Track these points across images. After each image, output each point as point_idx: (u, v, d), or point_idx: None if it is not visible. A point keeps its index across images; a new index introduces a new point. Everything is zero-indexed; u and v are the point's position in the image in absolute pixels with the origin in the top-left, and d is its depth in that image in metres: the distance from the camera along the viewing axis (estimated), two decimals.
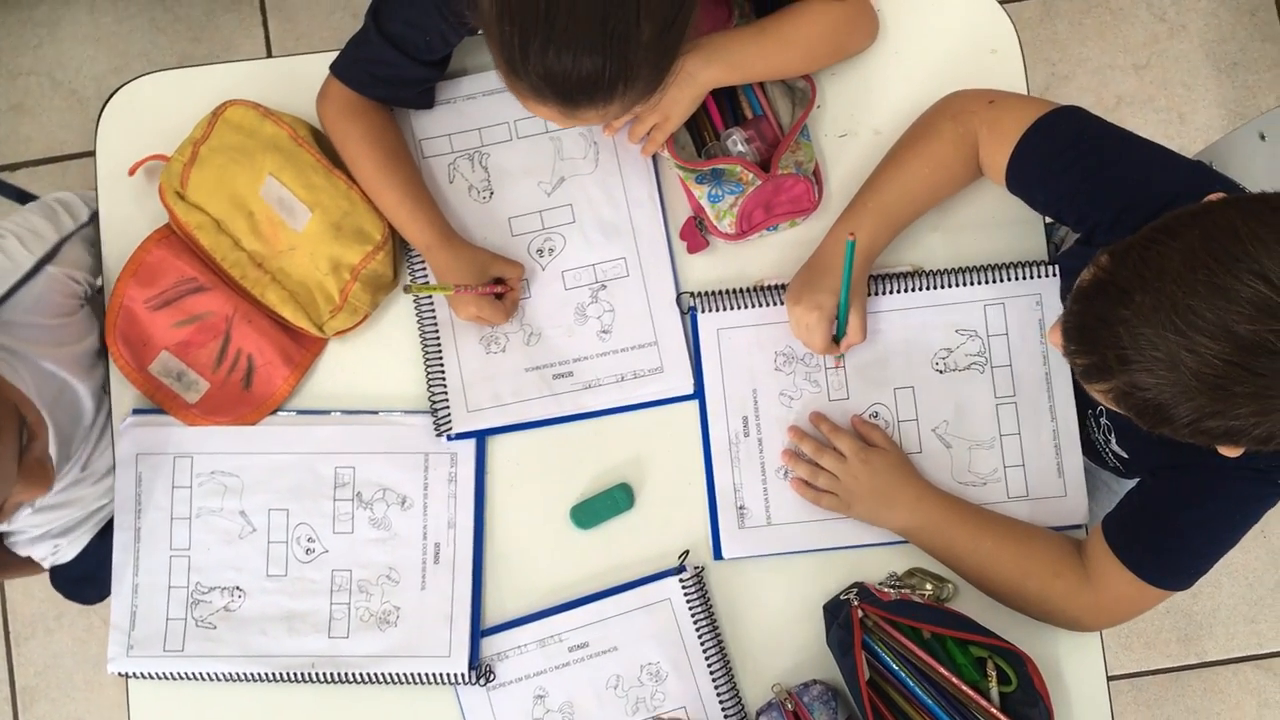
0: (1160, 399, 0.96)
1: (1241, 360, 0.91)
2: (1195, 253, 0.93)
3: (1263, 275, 0.89)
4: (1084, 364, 1.01)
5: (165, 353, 1.39)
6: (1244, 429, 0.95)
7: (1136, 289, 0.95)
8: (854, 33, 1.39)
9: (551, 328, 1.39)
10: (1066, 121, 1.24)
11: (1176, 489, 1.21)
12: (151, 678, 1.36)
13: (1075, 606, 1.27)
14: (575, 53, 1.06)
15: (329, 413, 1.39)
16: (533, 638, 1.35)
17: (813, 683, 1.32)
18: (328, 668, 1.34)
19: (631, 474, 1.39)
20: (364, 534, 1.37)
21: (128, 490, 1.38)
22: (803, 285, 1.32)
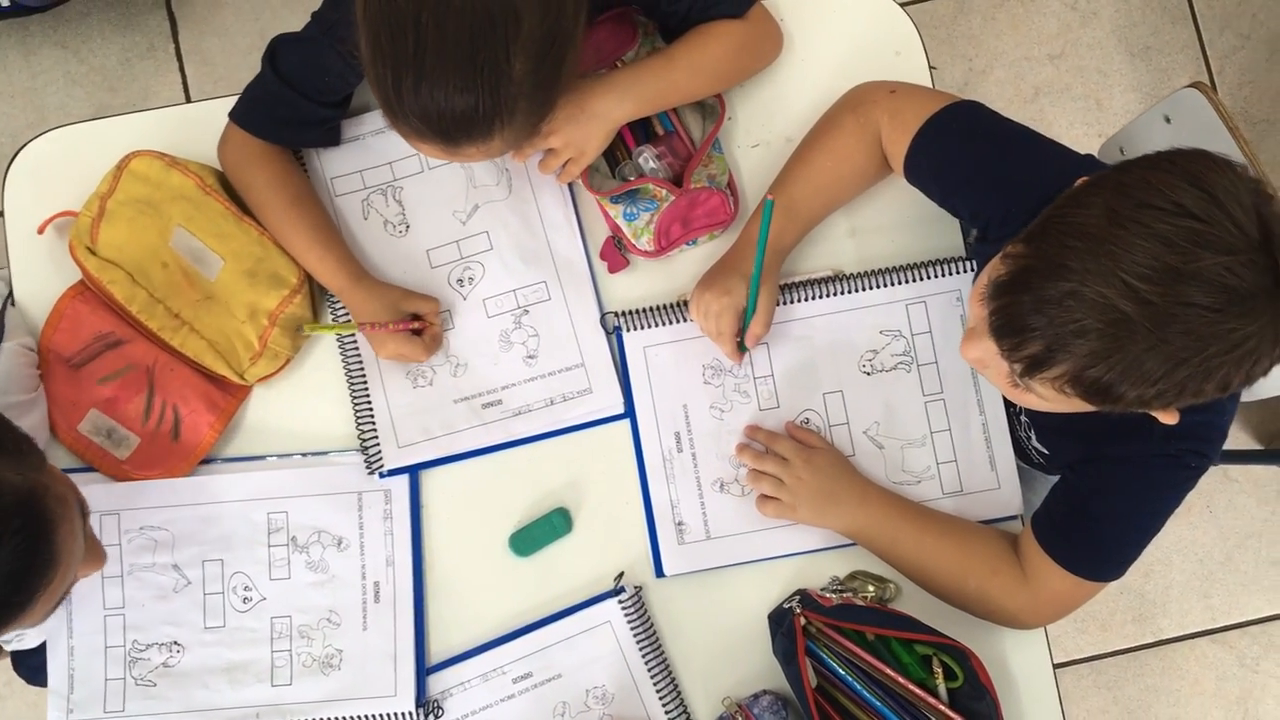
0: (1111, 373, 0.94)
1: (1188, 301, 0.90)
2: (1116, 210, 0.93)
3: (1188, 212, 0.90)
4: (1030, 354, 0.98)
5: (94, 411, 1.37)
6: (1199, 383, 0.94)
7: (1069, 258, 0.94)
8: (760, 49, 1.40)
9: (477, 357, 1.39)
10: (964, 116, 1.26)
11: (1092, 482, 1.22)
12: None
13: (1014, 604, 1.28)
14: (447, 91, 1.07)
15: (258, 458, 1.38)
16: (476, 672, 1.34)
17: (762, 693, 1.32)
18: (273, 717, 1.32)
19: (568, 498, 1.38)
20: (301, 578, 1.35)
21: None
22: (712, 275, 1.33)
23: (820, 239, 1.41)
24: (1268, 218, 0.91)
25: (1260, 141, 2.41)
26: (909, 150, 1.27)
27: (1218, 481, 2.35)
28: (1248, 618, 2.33)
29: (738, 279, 1.30)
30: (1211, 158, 0.95)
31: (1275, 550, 2.33)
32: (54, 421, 1.37)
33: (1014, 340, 0.99)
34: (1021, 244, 0.99)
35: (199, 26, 2.45)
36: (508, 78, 1.08)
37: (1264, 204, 0.92)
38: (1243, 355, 0.93)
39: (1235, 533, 2.34)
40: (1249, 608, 2.33)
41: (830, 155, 1.33)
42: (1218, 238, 0.90)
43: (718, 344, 1.34)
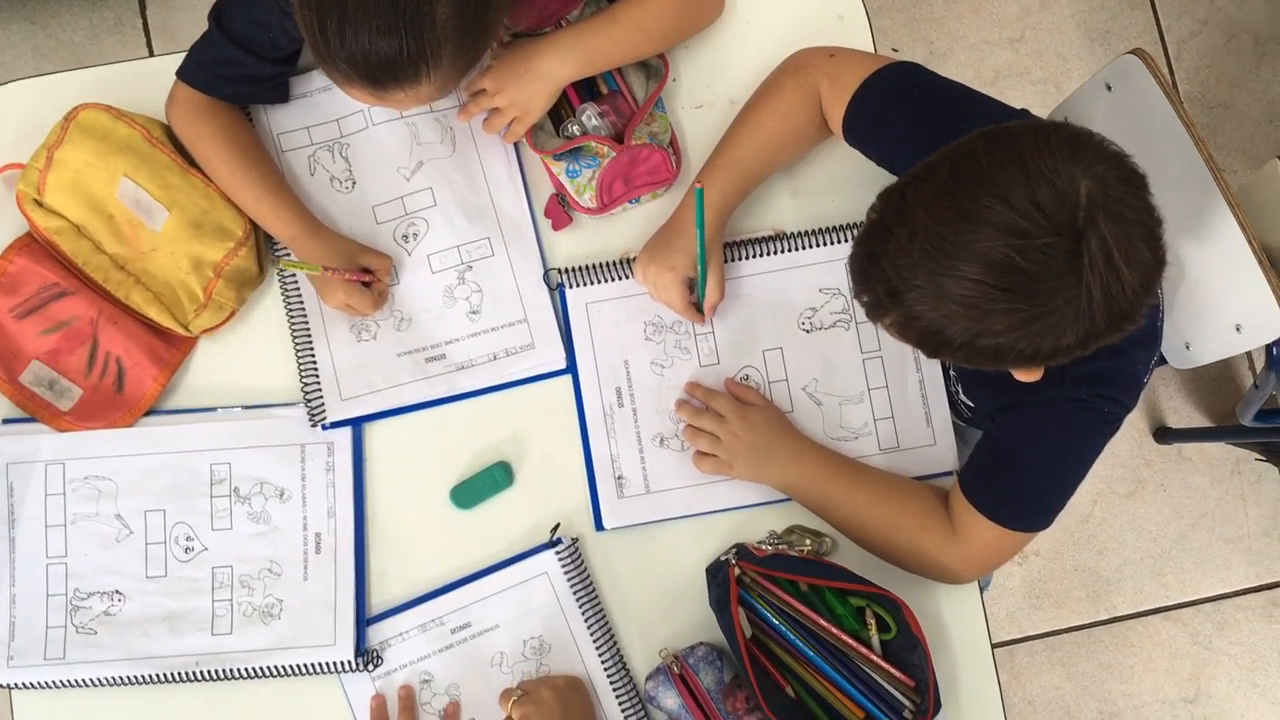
0: (933, 326, 1.00)
1: (991, 279, 0.94)
2: (944, 184, 0.97)
3: (1001, 196, 0.93)
4: (865, 302, 1.05)
5: (36, 362, 1.38)
6: (1010, 346, 0.99)
7: (895, 224, 0.99)
8: (701, 8, 1.41)
9: (421, 312, 1.40)
10: (901, 74, 1.28)
11: (1011, 431, 1.24)
12: (34, 687, 1.34)
13: (944, 558, 1.29)
14: (370, 34, 1.09)
15: (202, 411, 1.39)
16: (414, 623, 1.35)
17: (698, 645, 1.33)
18: (212, 665, 1.33)
19: (510, 452, 1.39)
20: (243, 529, 1.36)
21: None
22: (654, 248, 1.35)
23: (763, 200, 1.42)
24: (1095, 203, 0.92)
25: (1216, 125, 2.44)
26: (847, 111, 1.29)
27: (1172, 461, 2.37)
28: (1201, 595, 2.35)
29: (679, 253, 1.33)
30: (1061, 133, 0.97)
31: (1228, 529, 2.36)
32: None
33: (856, 288, 1.06)
34: (878, 198, 1.04)
35: (167, 3, 2.46)
36: (431, 21, 1.09)
37: (1109, 182, 0.94)
38: (1044, 329, 0.97)
39: (1189, 511, 2.36)
40: (1202, 586, 2.36)
41: (771, 117, 1.35)
42: (1019, 224, 0.93)
43: (672, 308, 1.36)
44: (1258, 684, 2.33)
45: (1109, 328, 0.97)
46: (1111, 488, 2.36)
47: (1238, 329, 1.50)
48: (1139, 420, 2.38)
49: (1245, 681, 2.33)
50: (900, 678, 1.29)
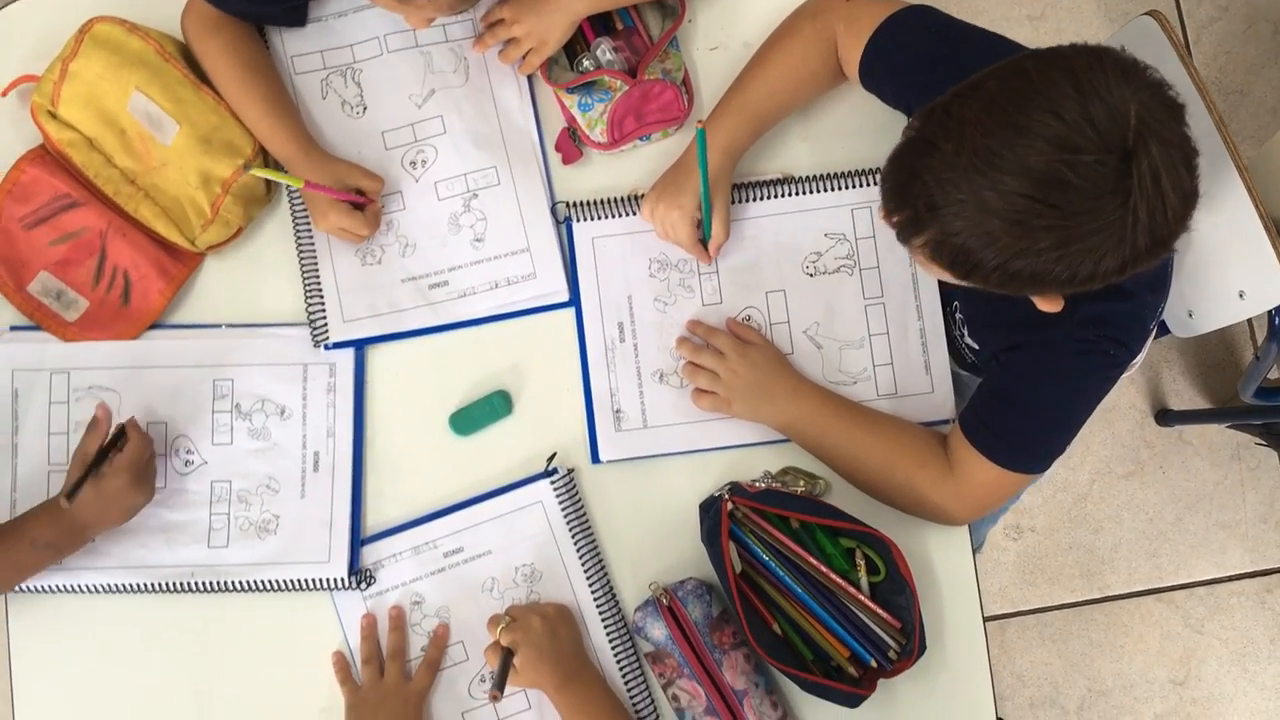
0: (969, 244, 0.99)
1: (1039, 194, 0.94)
2: (993, 98, 0.97)
3: (1054, 111, 0.93)
4: (899, 220, 1.04)
5: (44, 273, 1.39)
6: (1048, 269, 0.98)
7: (941, 139, 0.99)
8: None
9: (426, 238, 1.41)
10: (917, 17, 1.28)
11: (1015, 371, 1.25)
12: (31, 591, 1.35)
13: (939, 496, 1.30)
14: None
15: (206, 327, 1.40)
16: (408, 545, 1.36)
17: (688, 579, 1.34)
18: (207, 576, 1.34)
19: (510, 382, 1.40)
20: (243, 445, 1.37)
21: (3, 406, 1.38)
22: (663, 187, 1.35)
23: (773, 143, 1.42)
24: (1144, 124, 0.93)
25: (1232, 111, 2.43)
26: (864, 55, 1.29)
27: (1172, 443, 2.37)
28: (1195, 579, 2.36)
29: (688, 193, 1.33)
30: (1111, 56, 0.97)
31: (1225, 514, 2.36)
32: (2, 281, 1.38)
33: (889, 205, 1.05)
34: (917, 116, 1.03)
35: None
36: None
37: (1152, 108, 0.94)
38: (1086, 249, 0.96)
39: (1187, 494, 2.36)
40: (1196, 569, 2.36)
41: (786, 60, 1.35)
42: (1071, 138, 0.92)
43: (679, 245, 1.37)
44: (1248, 669, 2.33)
45: (1148, 253, 0.97)
46: (1110, 467, 2.36)
47: (1241, 295, 1.50)
48: (1140, 402, 2.38)
49: (1235, 666, 2.33)
50: (887, 619, 1.30)
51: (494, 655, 1.26)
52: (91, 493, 1.26)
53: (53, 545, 1.27)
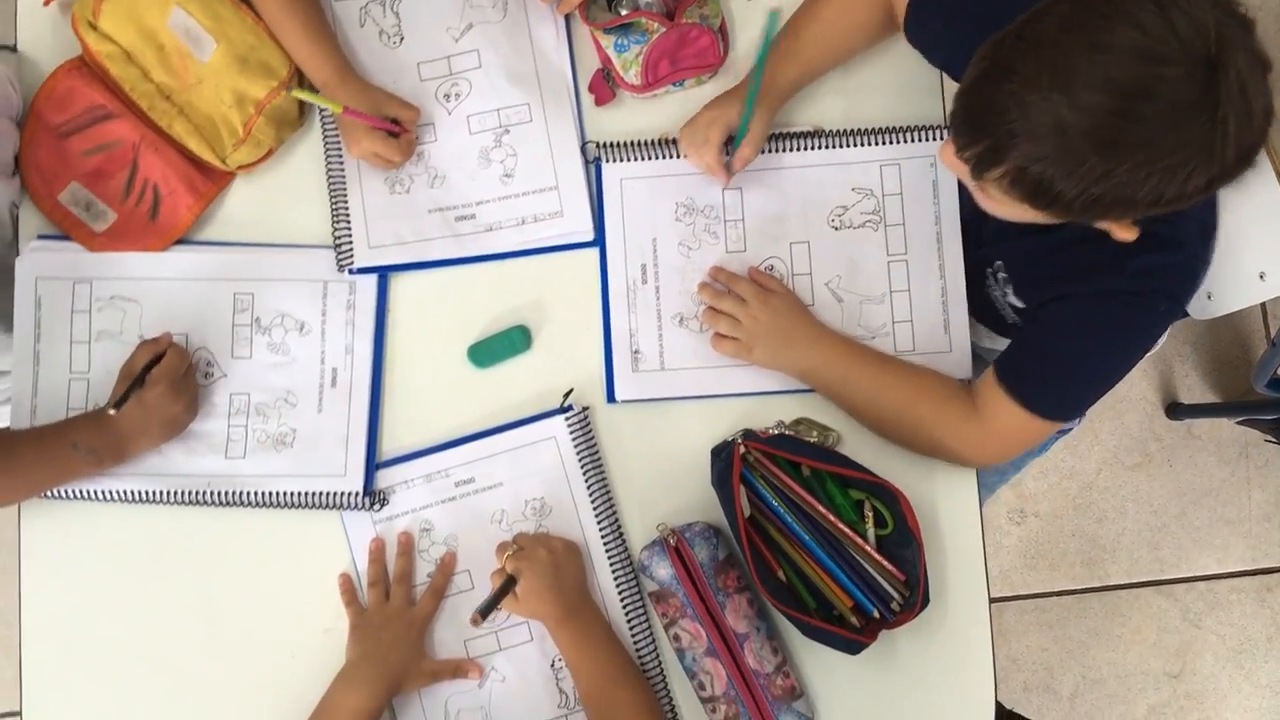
0: (1050, 171, 0.97)
1: (1125, 108, 0.93)
2: (1069, 18, 0.96)
3: (1135, 25, 0.92)
4: (976, 153, 1.01)
5: (75, 183, 1.40)
6: (1133, 191, 0.96)
7: (1018, 62, 0.97)
8: None
9: (455, 171, 1.41)
10: None
11: (1058, 319, 1.24)
12: (50, 497, 1.37)
13: (962, 437, 1.30)
14: None
15: (231, 245, 1.40)
16: (420, 472, 1.37)
17: (695, 522, 1.34)
18: (224, 487, 1.35)
19: (530, 317, 1.41)
20: (262, 359, 1.38)
21: (27, 315, 1.39)
22: (709, 102, 1.35)
23: (805, 96, 1.43)
24: (1225, 36, 0.92)
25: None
26: (910, 7, 1.29)
27: (1181, 437, 2.38)
28: (1196, 573, 2.36)
29: (734, 104, 1.33)
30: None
31: (1230, 510, 2.36)
32: (34, 188, 1.40)
33: (964, 139, 1.03)
34: (987, 45, 1.02)
35: None
36: None
37: (1227, 23, 0.93)
38: (1174, 165, 0.95)
39: (1193, 489, 2.37)
40: (1197, 564, 2.36)
41: (836, 7, 1.35)
42: (1155, 49, 0.92)
43: (702, 155, 1.35)
44: (1243, 666, 2.34)
45: (1235, 168, 0.96)
46: (1118, 457, 2.37)
47: (1261, 277, 1.50)
48: (1151, 394, 2.38)
49: (1231, 663, 2.34)
50: (891, 570, 1.30)
51: (498, 581, 1.27)
52: (133, 402, 1.28)
53: (93, 452, 1.28)
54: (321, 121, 1.42)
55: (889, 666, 1.35)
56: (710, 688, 1.31)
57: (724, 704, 1.30)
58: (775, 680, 1.30)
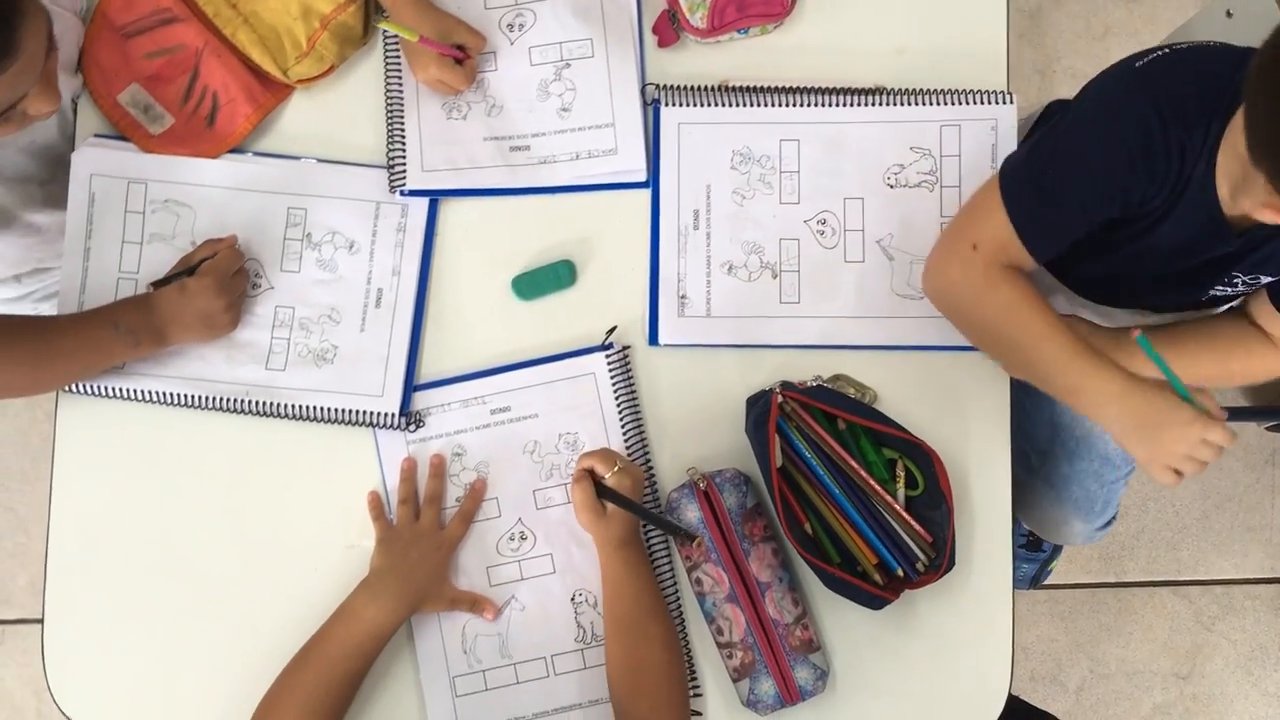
0: None
1: None
2: None
3: None
4: None
5: (135, 85, 1.40)
6: None
7: None
8: None
9: (514, 101, 1.41)
10: None
11: None
12: (87, 394, 1.38)
13: (1270, 370, 1.34)
14: None
15: (285, 157, 1.41)
16: (457, 397, 1.37)
17: (727, 469, 1.34)
18: (262, 397, 1.36)
19: (577, 253, 1.41)
20: (310, 274, 1.39)
21: (80, 211, 1.39)
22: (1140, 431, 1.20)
23: (868, 53, 1.42)
24: None
25: None
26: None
27: None
28: (1212, 577, 2.35)
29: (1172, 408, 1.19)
30: None
31: (1252, 517, 2.35)
32: (94, 86, 1.40)
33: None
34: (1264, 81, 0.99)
35: None
36: None
37: None
38: None
39: (1217, 493, 2.35)
40: (1215, 567, 2.35)
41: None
42: None
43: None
44: (1252, 674, 2.33)
45: None
46: None
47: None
48: None
49: (1240, 669, 2.33)
50: (919, 530, 1.30)
51: (584, 482, 1.28)
52: (176, 288, 1.30)
53: (132, 332, 1.29)
54: (385, 43, 1.42)
55: (907, 628, 1.35)
56: (728, 633, 1.31)
57: (740, 650, 1.30)
58: (794, 631, 1.30)
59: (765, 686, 1.29)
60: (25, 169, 1.40)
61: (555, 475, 1.36)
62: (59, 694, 1.36)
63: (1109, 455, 1.65)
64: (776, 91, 1.40)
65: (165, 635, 1.37)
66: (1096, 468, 1.66)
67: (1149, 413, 1.17)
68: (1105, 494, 1.70)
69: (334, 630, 1.26)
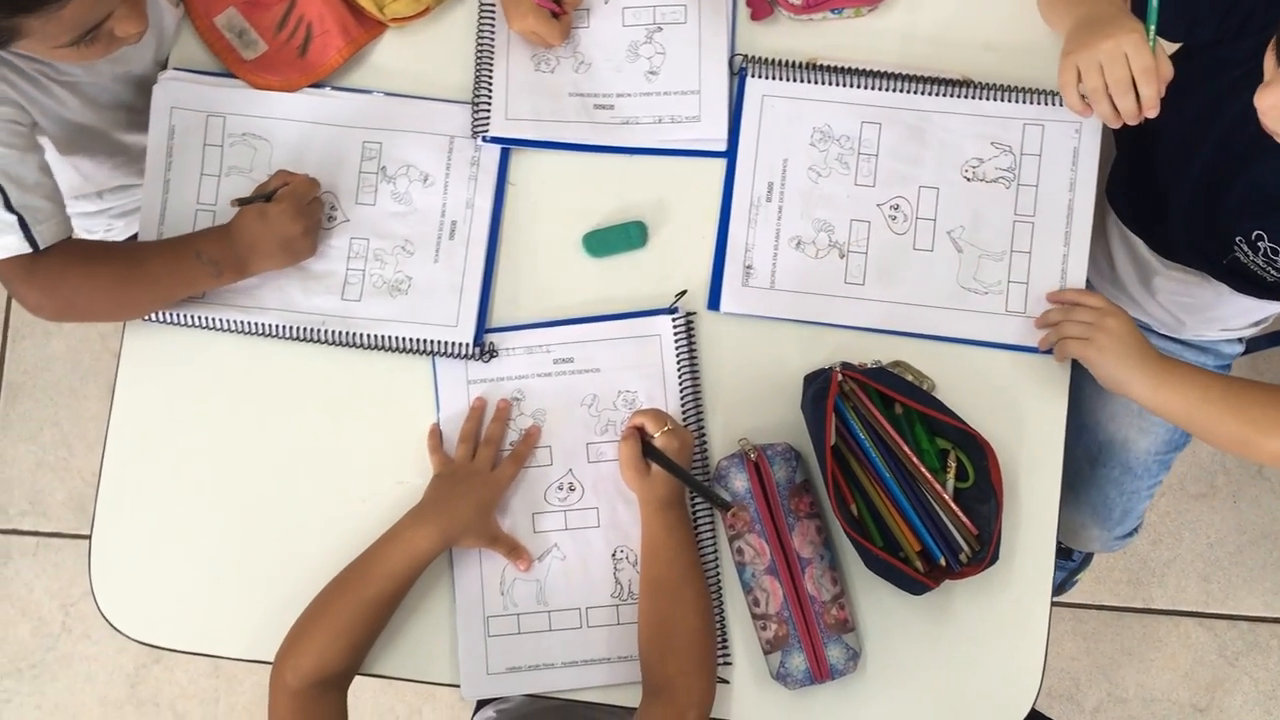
0: None
1: None
2: None
3: None
4: None
5: (232, 9, 1.42)
6: None
7: None
8: None
9: (602, 60, 1.42)
10: None
11: None
12: (168, 322, 1.40)
13: None
14: None
15: (368, 92, 1.42)
16: (522, 343, 1.38)
17: (778, 442, 1.35)
18: (338, 327, 1.38)
19: (649, 215, 1.42)
20: (385, 206, 1.40)
21: (160, 143, 1.41)
22: (1078, 37, 1.24)
23: (957, 44, 1.42)
24: None
25: None
26: None
27: (1250, 476, 2.34)
28: (1240, 612, 2.33)
29: (1126, 22, 1.21)
30: None
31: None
32: (193, 8, 1.42)
33: None
34: None
35: None
36: None
37: None
38: None
39: (1253, 528, 2.34)
40: (1244, 603, 2.33)
41: None
42: None
43: (1123, 95, 1.21)
44: (1271, 712, 2.31)
45: None
46: (1183, 485, 2.34)
47: None
48: None
49: (1259, 707, 2.31)
50: (965, 522, 1.30)
51: (631, 439, 1.30)
52: (255, 213, 1.32)
53: (214, 262, 1.31)
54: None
55: (943, 619, 1.36)
56: (764, 605, 1.32)
57: (775, 623, 1.31)
58: (830, 609, 1.31)
59: (796, 661, 1.30)
60: (119, 96, 1.43)
61: (610, 431, 1.37)
62: (103, 603, 1.38)
63: (1131, 465, 1.64)
64: (863, 74, 1.41)
65: (209, 553, 1.39)
66: (1117, 475, 1.65)
67: (1107, 14, 1.22)
68: (1125, 503, 1.70)
69: (375, 551, 1.28)
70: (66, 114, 1.35)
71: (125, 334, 1.42)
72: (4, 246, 1.22)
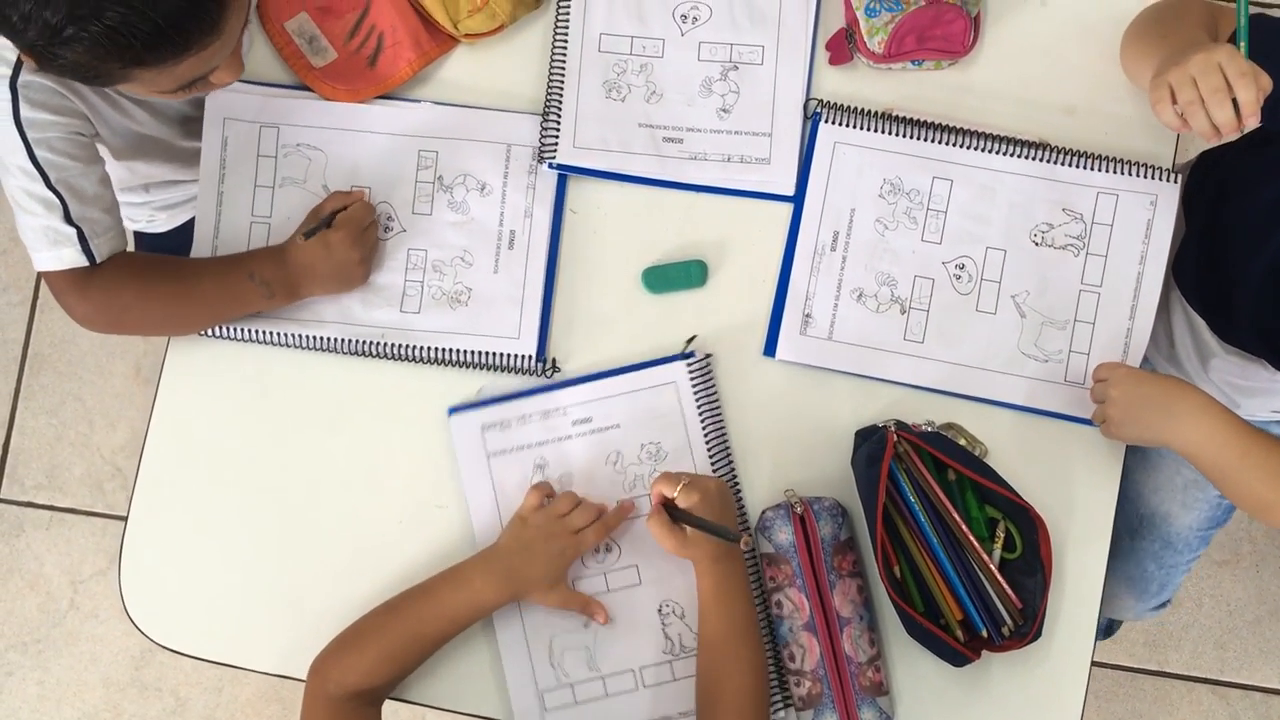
0: None
1: None
2: None
3: None
4: None
5: (304, 14, 1.40)
6: None
7: None
8: None
9: (675, 92, 1.40)
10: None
11: None
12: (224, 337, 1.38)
13: None
14: None
15: (416, 101, 1.41)
16: (536, 409, 1.36)
17: (825, 497, 1.33)
18: (398, 340, 1.36)
19: (711, 255, 1.39)
20: (442, 216, 1.39)
21: (213, 154, 1.39)
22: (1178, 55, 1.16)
23: (1034, 106, 1.40)
24: None
25: None
26: None
27: (1275, 545, 2.32)
28: (1256, 683, 2.31)
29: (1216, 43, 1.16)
30: None
31: None
32: (265, 10, 1.40)
33: None
34: None
35: None
36: None
37: None
38: None
39: (1273, 599, 2.32)
40: (1259, 674, 2.31)
41: None
42: None
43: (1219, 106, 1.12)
44: None
45: None
46: (1207, 551, 2.31)
47: None
48: None
49: None
50: (1010, 595, 1.28)
51: (657, 515, 1.26)
52: (315, 240, 1.30)
53: (267, 284, 1.30)
54: (559, 8, 1.40)
55: (977, 690, 1.34)
56: (800, 661, 1.30)
57: (809, 680, 1.29)
58: (866, 671, 1.29)
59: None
60: (181, 107, 1.43)
61: (639, 485, 1.35)
62: (129, 599, 1.37)
63: (1171, 539, 1.62)
64: (939, 129, 1.38)
65: (240, 563, 1.38)
66: (1157, 549, 1.63)
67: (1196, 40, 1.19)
68: (1163, 576, 1.67)
69: (438, 587, 1.26)
70: (133, 126, 1.34)
71: (169, 347, 1.40)
72: (61, 259, 1.20)
